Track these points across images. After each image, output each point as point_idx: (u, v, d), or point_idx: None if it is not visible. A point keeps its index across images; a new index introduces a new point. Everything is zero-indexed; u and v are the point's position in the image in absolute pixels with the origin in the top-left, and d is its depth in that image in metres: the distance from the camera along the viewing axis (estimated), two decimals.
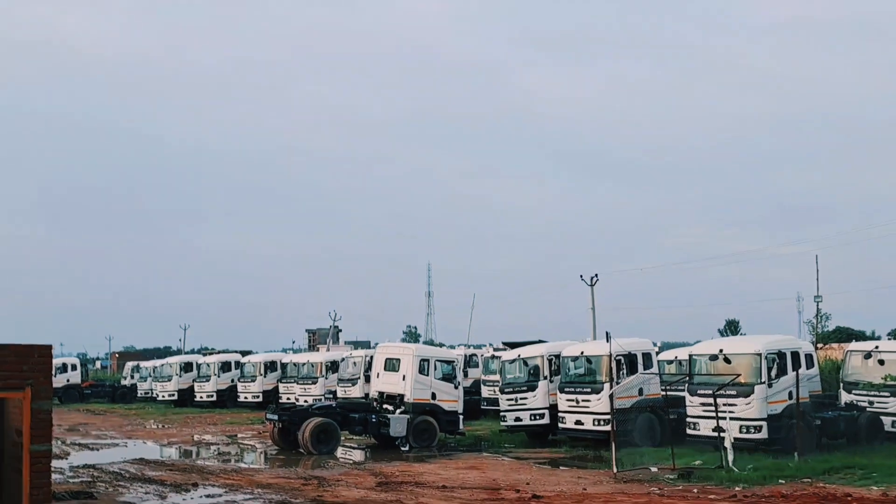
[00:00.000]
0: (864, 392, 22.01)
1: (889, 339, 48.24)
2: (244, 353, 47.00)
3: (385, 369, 24.98)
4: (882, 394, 21.61)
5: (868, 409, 21.58)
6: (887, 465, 16.69)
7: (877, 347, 23.60)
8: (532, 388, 24.80)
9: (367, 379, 30.85)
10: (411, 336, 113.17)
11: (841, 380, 23.41)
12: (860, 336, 58.90)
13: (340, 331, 75.66)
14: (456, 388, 24.80)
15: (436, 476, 17.72)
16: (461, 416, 24.83)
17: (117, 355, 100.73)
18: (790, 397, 19.33)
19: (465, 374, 32.65)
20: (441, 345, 75.84)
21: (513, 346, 28.73)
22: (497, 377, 28.93)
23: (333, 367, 36.63)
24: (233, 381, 43.37)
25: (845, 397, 22.55)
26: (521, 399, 24.94)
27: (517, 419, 25.01)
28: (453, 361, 25.73)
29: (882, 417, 21.30)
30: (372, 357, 29.94)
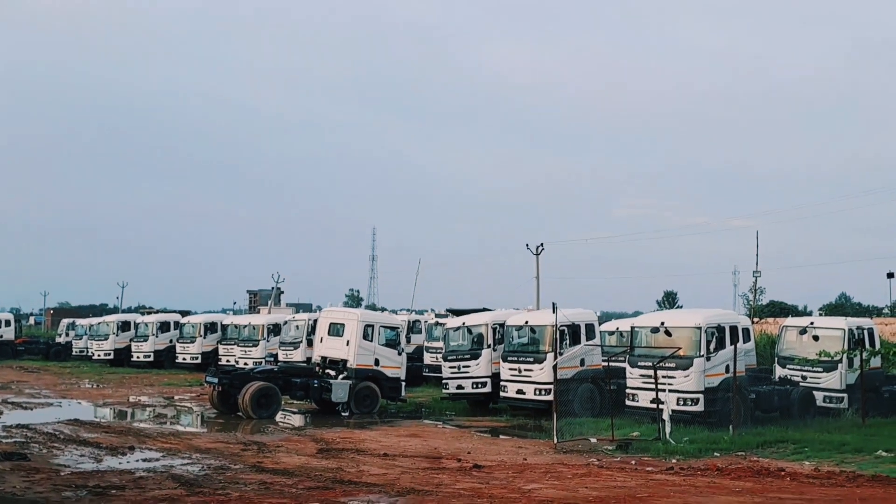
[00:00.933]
0: (798, 367, 22.55)
1: (821, 314, 49.73)
2: (183, 314, 46.23)
3: (329, 334, 24.79)
4: (815, 369, 22.18)
5: (801, 384, 22.18)
6: (819, 440, 17.16)
7: (812, 323, 24.21)
8: (475, 357, 24.89)
9: (310, 343, 30.63)
10: (354, 300, 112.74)
11: (776, 354, 23.99)
12: (793, 311, 60.64)
13: (283, 293, 74.84)
14: (399, 354, 24.76)
15: (377, 443, 17.68)
16: (403, 383, 24.81)
17: (52, 312, 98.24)
18: (727, 371, 19.71)
19: (408, 341, 32.61)
20: (384, 310, 75.75)
21: (457, 313, 28.72)
22: (440, 344, 28.97)
23: (275, 329, 36.23)
24: (171, 341, 42.66)
25: (780, 372, 23.13)
26: (463, 367, 25.03)
27: (459, 387, 25.11)
28: (398, 328, 25.65)
29: (815, 392, 21.92)
30: (315, 321, 29.71)
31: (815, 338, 22.86)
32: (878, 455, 15.70)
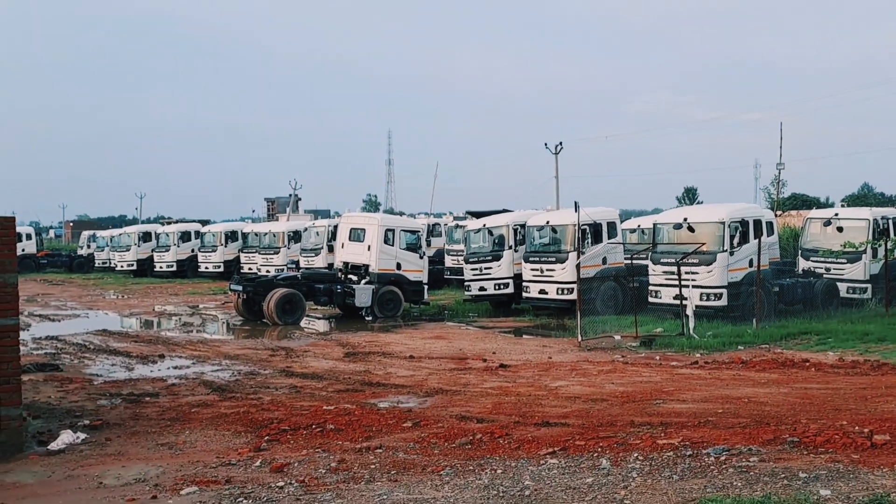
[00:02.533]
0: (822, 259, 22.51)
1: (843, 205, 49.21)
2: (203, 223, 46.54)
3: (350, 239, 24.88)
4: (840, 260, 22.13)
5: (825, 275, 22.15)
6: (842, 331, 17.23)
7: (836, 215, 24.01)
8: (497, 258, 24.96)
9: (331, 249, 30.84)
10: (371, 205, 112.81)
11: (800, 247, 23.89)
12: (815, 203, 60.10)
13: (300, 200, 74.97)
14: (421, 258, 24.87)
15: (402, 346, 17.93)
16: (426, 287, 25.02)
17: (72, 224, 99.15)
18: (750, 265, 19.68)
19: (428, 244, 32.65)
20: (402, 214, 75.75)
21: (477, 215, 28.72)
22: (461, 247, 29.03)
23: (296, 236, 36.43)
24: (193, 251, 43.07)
25: (803, 264, 23.07)
26: (485, 269, 25.13)
27: (481, 289, 25.28)
28: (418, 231, 25.66)
29: (838, 284, 21.90)
30: (335, 227, 29.80)
31: (840, 229, 22.73)
32: None
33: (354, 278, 24.44)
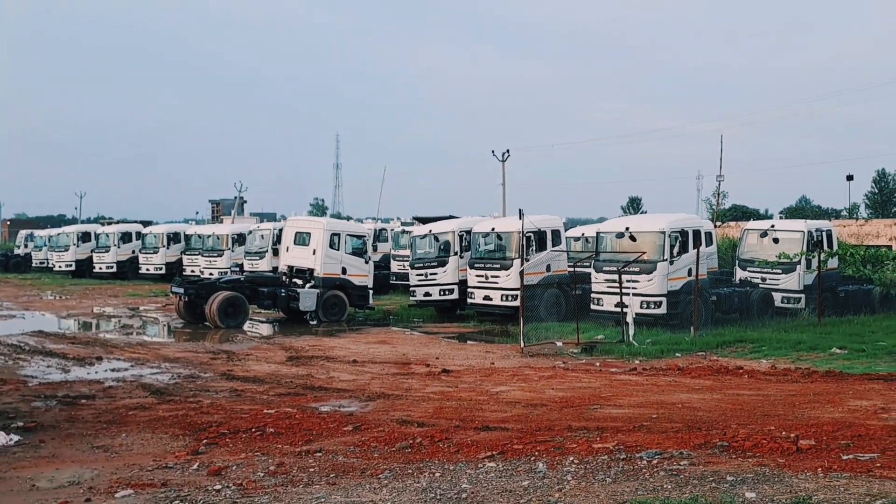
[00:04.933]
0: (758, 269, 23.15)
1: (782, 217, 50.51)
2: (145, 224, 45.68)
3: (295, 243, 24.76)
4: (775, 271, 22.79)
5: (761, 285, 22.78)
6: (776, 339, 17.74)
7: (773, 226, 24.70)
8: (442, 264, 25.11)
9: (275, 252, 30.63)
10: (318, 209, 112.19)
11: (737, 257, 24.53)
12: (755, 215, 61.58)
13: (245, 202, 74.19)
14: (366, 262, 24.86)
15: (346, 350, 17.92)
16: (371, 291, 25.02)
17: (8, 223, 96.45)
18: (689, 274, 20.12)
19: (375, 249, 32.64)
20: (349, 218, 75.51)
21: (424, 221, 28.78)
22: (407, 252, 29.09)
23: (240, 239, 36.07)
24: (134, 252, 42.28)
25: (740, 274, 23.70)
26: (431, 275, 25.25)
27: (427, 294, 25.39)
28: (364, 236, 25.65)
29: (773, 293, 22.55)
30: (280, 230, 29.61)
31: (776, 240, 23.39)
32: (832, 352, 16.32)
33: (299, 282, 24.31)
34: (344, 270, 24.26)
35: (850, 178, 55.74)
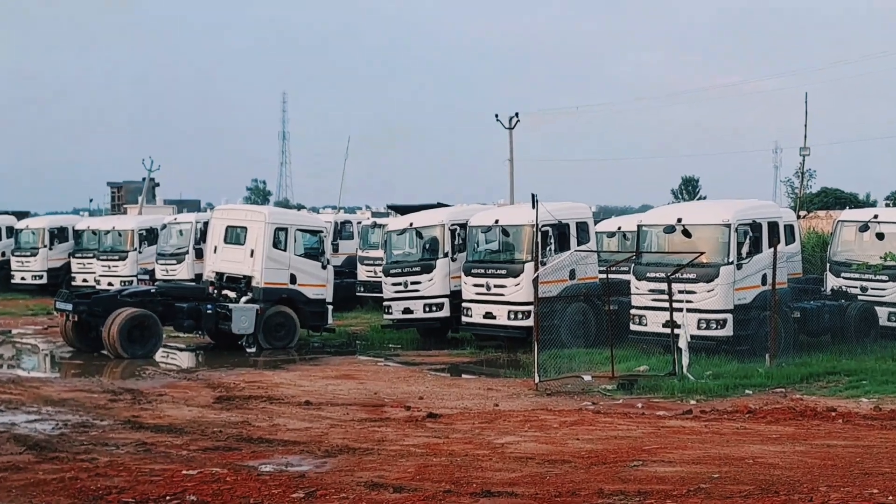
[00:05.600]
0: (857, 275, 23.22)
1: (889, 204, 50.68)
2: (20, 216, 45.48)
3: (226, 241, 24.75)
4: (879, 278, 22.84)
5: (860, 297, 22.87)
6: (881, 371, 17.86)
7: (876, 217, 24.65)
8: (427, 270, 25.10)
9: (198, 254, 30.58)
10: (258, 195, 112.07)
11: (828, 259, 24.61)
12: (852, 201, 61.79)
13: (158, 185, 74.01)
14: (324, 267, 24.85)
15: (296, 388, 17.94)
16: (330, 307, 25.00)
17: None
18: (764, 282, 20.23)
19: (336, 249, 32.73)
20: (301, 208, 75.49)
21: (402, 210, 28.81)
22: (380, 253, 29.08)
23: (150, 236, 36.03)
24: (3, 254, 42.15)
25: (832, 282, 23.78)
26: (412, 283, 25.23)
27: (407, 311, 25.38)
28: (321, 231, 25.65)
29: (878, 309, 22.63)
30: (205, 223, 29.56)
31: (880, 236, 23.45)
32: None
33: (232, 295, 24.29)
34: (293, 279, 24.23)
35: None
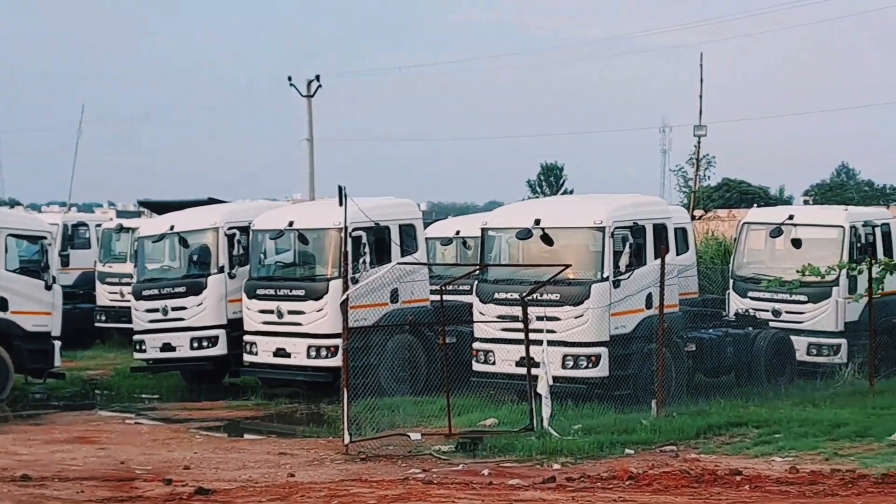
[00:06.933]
0: (768, 295, 23.95)
1: (807, 202, 52.57)
2: None
3: None
4: (796, 298, 23.61)
5: (772, 323, 23.63)
6: (798, 420, 18.48)
7: (791, 217, 25.32)
8: (195, 290, 24.89)
9: None
10: None
11: (731, 274, 25.36)
12: (761, 196, 64.13)
13: None
14: (48, 288, 24.33)
15: (9, 458, 17.52)
16: (58, 343, 24.49)
17: None
18: (649, 305, 20.70)
19: (66, 262, 32.10)
20: (14, 204, 73.60)
21: (160, 209, 28.49)
22: (128, 268, 28.64)
23: None
24: None
25: (737, 303, 24.53)
26: (174, 310, 24.99)
27: (167, 347, 25.11)
28: (44, 238, 25.07)
29: (793, 338, 23.39)
30: None
31: (797, 243, 24.26)
32: (894, 441, 17.16)
33: None
34: (3, 304, 23.64)
35: None
